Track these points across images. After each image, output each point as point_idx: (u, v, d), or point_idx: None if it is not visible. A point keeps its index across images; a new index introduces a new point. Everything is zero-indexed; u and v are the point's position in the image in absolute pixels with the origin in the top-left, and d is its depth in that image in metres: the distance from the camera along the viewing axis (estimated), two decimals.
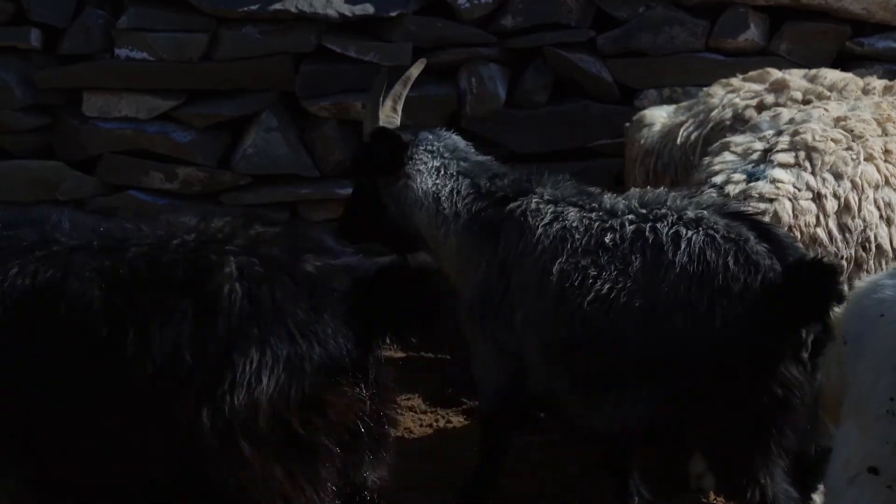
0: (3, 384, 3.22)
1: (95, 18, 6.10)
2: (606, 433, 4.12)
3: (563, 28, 6.16)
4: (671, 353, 3.81)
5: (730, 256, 3.83)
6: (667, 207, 4.02)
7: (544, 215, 4.11)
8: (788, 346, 3.78)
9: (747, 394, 3.80)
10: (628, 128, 5.77)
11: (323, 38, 6.14)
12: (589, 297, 3.90)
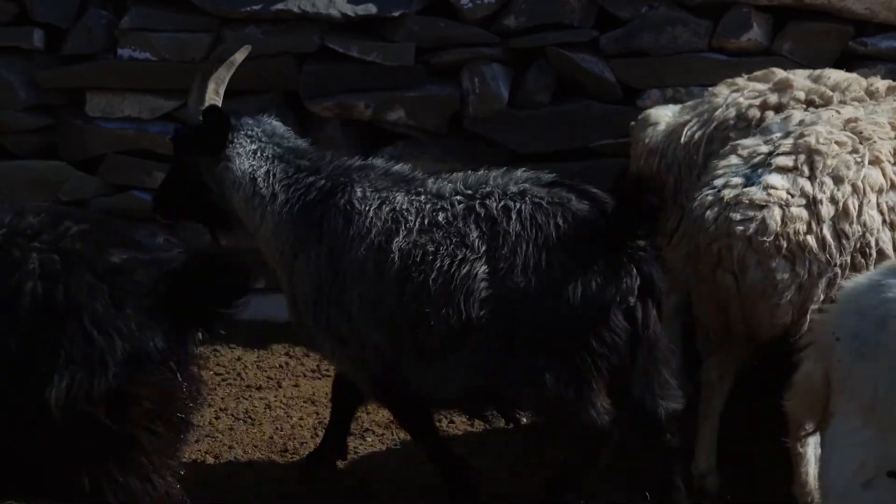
0: None
1: (98, 19, 6.10)
2: (452, 399, 4.35)
3: (566, 28, 6.16)
4: (517, 312, 4.13)
5: (559, 217, 4.19)
6: (490, 186, 4.32)
7: (372, 200, 4.33)
8: (619, 294, 4.17)
9: (587, 341, 4.16)
10: (633, 127, 5.77)
11: (326, 39, 6.14)
12: (432, 274, 4.16)
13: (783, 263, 4.41)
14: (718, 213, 4.51)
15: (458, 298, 4.14)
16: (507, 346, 4.19)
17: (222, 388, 5.58)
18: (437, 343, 4.20)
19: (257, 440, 5.07)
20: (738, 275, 4.48)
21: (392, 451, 5.05)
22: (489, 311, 4.16)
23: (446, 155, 6.27)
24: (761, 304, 4.47)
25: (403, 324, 4.23)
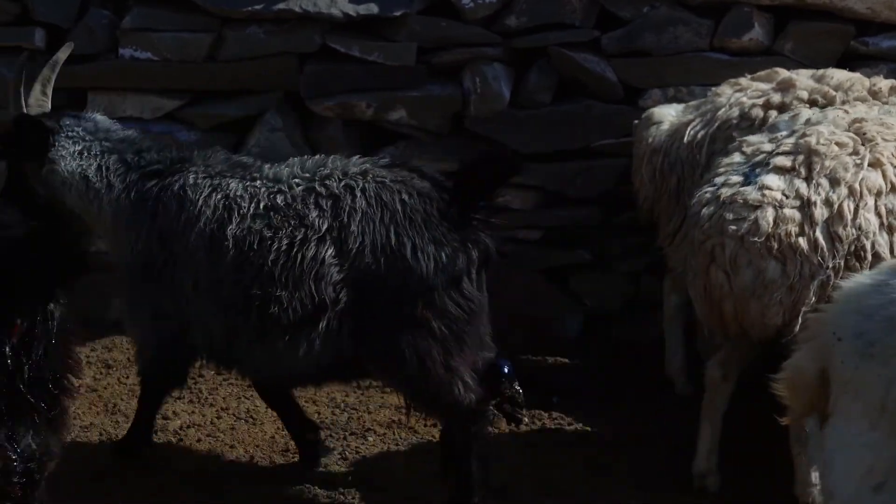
0: None
1: (100, 18, 6.10)
2: (290, 377, 4.48)
3: (568, 28, 6.16)
4: (366, 288, 4.25)
5: (403, 194, 4.31)
6: (329, 168, 4.42)
7: (203, 188, 4.39)
8: (466, 265, 4.34)
9: (438, 312, 4.28)
10: (637, 125, 5.77)
11: (327, 38, 6.14)
12: (271, 256, 4.23)
13: (774, 264, 4.43)
14: (714, 212, 4.55)
15: (306, 278, 4.21)
16: (362, 322, 4.27)
17: (224, 388, 5.58)
18: (287, 323, 4.25)
19: (259, 440, 5.07)
20: (730, 273, 4.51)
21: (394, 451, 5.05)
22: (341, 289, 4.23)
23: (447, 155, 6.26)
24: (753, 304, 4.49)
25: (243, 307, 4.28)
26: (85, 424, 5.12)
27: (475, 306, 4.41)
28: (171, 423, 5.16)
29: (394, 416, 5.34)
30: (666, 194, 5.59)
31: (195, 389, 5.54)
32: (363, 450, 5.02)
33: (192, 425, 5.17)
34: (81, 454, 4.83)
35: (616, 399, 5.66)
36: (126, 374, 5.69)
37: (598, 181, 6.27)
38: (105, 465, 4.78)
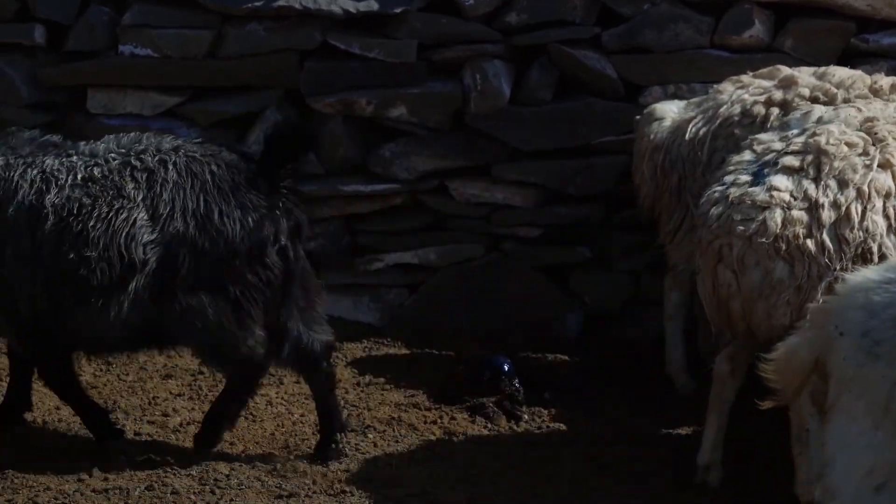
0: None
1: (100, 15, 6.10)
2: (115, 340, 4.76)
3: (568, 25, 6.14)
4: (178, 253, 4.59)
5: (212, 165, 4.69)
6: (144, 145, 4.76)
7: (17, 167, 4.66)
8: (273, 234, 4.69)
9: (245, 277, 4.67)
10: (638, 121, 5.76)
11: (327, 35, 6.13)
12: (91, 222, 4.56)
13: (782, 265, 4.44)
14: (722, 212, 4.55)
15: (119, 243, 4.55)
16: (170, 284, 4.60)
17: (223, 385, 5.57)
18: (101, 286, 4.55)
19: (259, 436, 5.07)
20: (737, 273, 4.51)
21: (393, 448, 5.04)
22: (152, 254, 4.58)
23: (448, 151, 6.26)
24: (760, 304, 4.49)
25: (64, 272, 4.57)
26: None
27: (277, 274, 4.74)
28: (170, 420, 5.16)
29: (394, 413, 5.34)
30: (667, 192, 5.59)
31: (195, 386, 5.54)
32: (363, 447, 5.01)
33: (192, 422, 5.16)
34: (79, 450, 4.84)
35: (616, 397, 5.66)
36: (126, 372, 5.69)
37: (599, 179, 6.26)
38: (97, 459, 4.77)
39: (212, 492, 4.56)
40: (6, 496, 4.43)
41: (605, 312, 6.40)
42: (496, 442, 5.15)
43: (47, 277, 4.61)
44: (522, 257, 6.37)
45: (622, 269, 6.40)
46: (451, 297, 6.34)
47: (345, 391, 5.58)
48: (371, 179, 6.26)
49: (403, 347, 6.18)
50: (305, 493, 4.59)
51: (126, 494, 4.50)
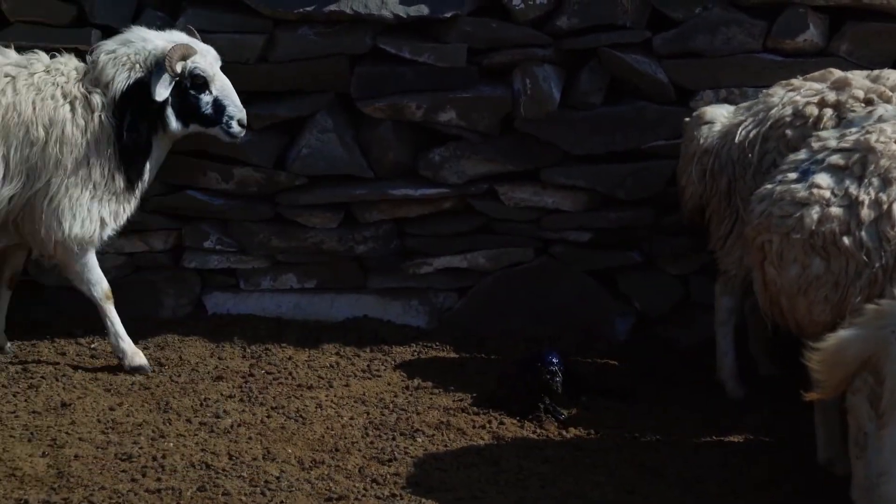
0: None
1: (154, 20, 6.15)
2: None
3: (619, 29, 6.12)
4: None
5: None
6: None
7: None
8: None
9: None
10: (687, 123, 5.74)
11: (378, 40, 6.15)
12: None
13: (818, 261, 4.46)
14: (765, 208, 4.62)
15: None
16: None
17: (274, 387, 5.62)
18: None
19: (309, 438, 5.10)
20: (777, 269, 4.56)
21: (442, 452, 5.05)
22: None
23: (498, 156, 6.26)
24: (800, 300, 4.53)
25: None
26: (137, 422, 5.16)
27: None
28: (221, 422, 5.20)
29: (442, 417, 5.35)
30: (716, 196, 5.56)
31: (245, 388, 5.58)
32: (412, 450, 5.03)
33: (243, 424, 5.20)
34: (133, 451, 4.89)
35: (666, 402, 5.63)
36: (178, 373, 5.74)
37: (649, 183, 6.23)
38: (150, 460, 4.82)
39: (262, 493, 4.59)
40: (62, 494, 4.49)
41: (655, 316, 6.38)
42: (545, 446, 5.14)
43: None
44: (572, 261, 6.36)
45: (672, 273, 6.37)
46: (500, 300, 6.34)
47: (394, 395, 5.61)
48: (421, 183, 6.28)
49: (452, 351, 6.19)
50: (355, 496, 4.61)
51: (178, 495, 4.55)
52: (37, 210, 5.53)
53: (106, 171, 5.60)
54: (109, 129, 5.60)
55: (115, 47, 5.67)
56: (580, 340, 6.21)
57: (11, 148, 5.47)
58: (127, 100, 5.59)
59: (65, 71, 5.64)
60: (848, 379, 3.64)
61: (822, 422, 4.84)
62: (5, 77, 5.54)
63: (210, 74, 5.70)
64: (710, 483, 4.85)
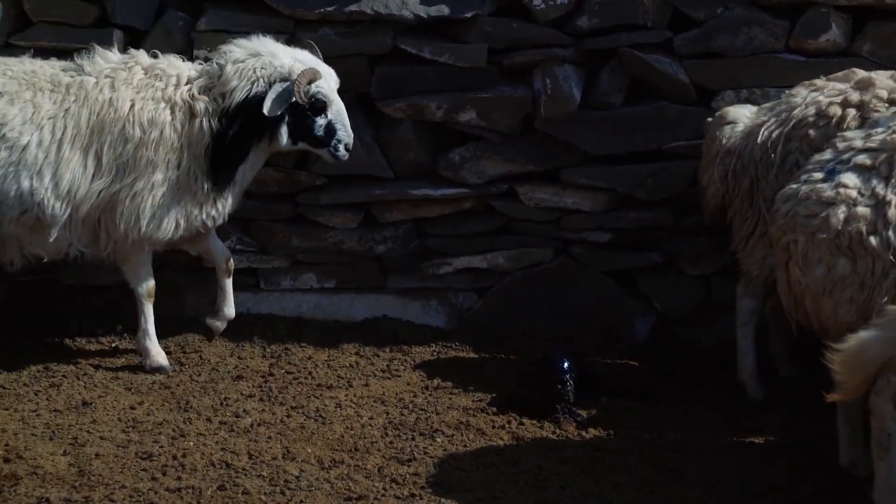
0: None
1: (176, 20, 6.19)
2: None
3: (640, 29, 6.11)
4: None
5: None
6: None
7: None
8: None
9: None
10: (710, 124, 5.72)
11: (398, 40, 6.16)
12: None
13: (844, 261, 4.45)
14: (790, 208, 4.60)
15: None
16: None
17: (293, 387, 5.64)
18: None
19: (328, 438, 5.11)
20: (802, 269, 4.54)
21: (461, 452, 5.05)
22: None
23: (518, 156, 6.26)
24: (825, 300, 4.51)
25: None
26: (158, 421, 5.19)
27: None
28: (241, 421, 5.21)
29: (462, 417, 5.35)
30: (739, 196, 5.54)
31: (265, 388, 5.60)
32: (431, 450, 5.03)
33: (263, 423, 5.21)
34: (153, 450, 4.91)
35: (686, 403, 5.62)
36: (198, 372, 5.77)
37: (670, 183, 6.22)
38: (170, 458, 4.84)
39: (282, 493, 4.60)
40: (83, 493, 4.51)
41: (676, 317, 6.36)
42: (564, 447, 5.13)
43: None
44: (592, 262, 6.35)
45: (693, 274, 6.35)
46: (519, 301, 6.33)
47: (413, 395, 5.61)
48: (440, 183, 6.28)
49: (471, 351, 6.19)
50: (374, 496, 4.61)
51: (199, 494, 4.56)
52: (118, 206, 5.58)
53: (193, 175, 5.62)
54: (209, 135, 5.61)
55: (243, 57, 5.65)
56: (600, 341, 6.20)
57: (105, 144, 5.54)
58: (240, 110, 5.60)
59: (166, 74, 5.67)
60: (869, 380, 3.63)
61: (844, 423, 4.82)
62: (105, 78, 5.61)
63: (330, 99, 5.72)
64: (730, 484, 4.83)
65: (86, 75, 5.62)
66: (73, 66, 5.69)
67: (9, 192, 5.45)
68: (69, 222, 5.55)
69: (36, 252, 5.65)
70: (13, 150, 5.46)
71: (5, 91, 5.53)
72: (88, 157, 5.53)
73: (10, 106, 5.51)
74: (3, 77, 5.58)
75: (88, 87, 5.57)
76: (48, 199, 5.47)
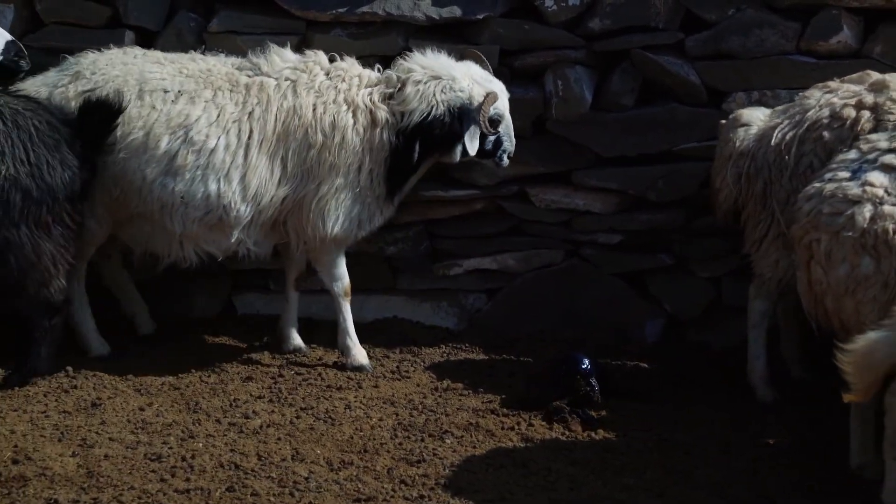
0: None
1: (188, 21, 6.21)
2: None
3: (651, 30, 6.10)
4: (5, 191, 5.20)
5: (35, 120, 5.30)
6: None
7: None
8: (81, 188, 5.38)
9: (57, 219, 5.33)
10: (723, 126, 5.70)
11: (410, 41, 6.16)
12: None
13: (868, 260, 4.42)
14: (813, 206, 4.58)
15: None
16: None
17: (303, 388, 5.64)
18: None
19: (337, 439, 5.12)
20: (825, 269, 4.51)
21: (471, 453, 5.05)
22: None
23: (529, 157, 6.25)
24: (847, 300, 4.48)
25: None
26: (167, 422, 5.20)
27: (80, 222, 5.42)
28: (251, 422, 5.22)
29: (471, 418, 5.35)
30: (752, 199, 5.52)
31: (275, 389, 5.61)
32: (440, 451, 5.03)
33: (272, 424, 5.22)
34: (162, 451, 4.92)
35: (696, 405, 5.60)
36: (207, 374, 5.78)
37: (681, 185, 6.21)
38: (179, 460, 4.85)
39: (291, 494, 4.60)
40: (92, 494, 4.52)
41: (686, 319, 6.35)
42: (574, 448, 5.12)
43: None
44: (602, 263, 6.34)
45: (703, 276, 6.34)
46: (529, 302, 6.33)
47: (423, 396, 5.61)
48: (452, 185, 6.28)
49: (481, 353, 6.19)
50: (383, 497, 4.61)
51: (207, 495, 4.57)
52: (304, 209, 5.66)
53: (373, 178, 5.69)
54: (388, 148, 5.67)
55: (425, 80, 5.69)
56: (610, 343, 6.19)
57: (290, 150, 5.60)
58: (417, 130, 5.66)
59: (347, 77, 5.71)
60: (879, 381, 3.61)
61: (857, 425, 4.80)
62: (286, 80, 5.64)
63: (504, 116, 5.79)
64: (740, 487, 4.81)
65: (264, 76, 5.63)
66: (249, 66, 5.71)
67: (195, 195, 5.52)
68: (250, 224, 5.64)
69: (210, 250, 5.74)
70: (201, 153, 5.52)
71: (185, 90, 5.55)
72: (275, 162, 5.59)
73: (192, 106, 5.53)
74: (180, 76, 5.60)
75: (270, 91, 5.61)
76: (235, 203, 5.55)
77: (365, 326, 6.32)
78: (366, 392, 5.63)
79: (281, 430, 5.17)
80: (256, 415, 5.31)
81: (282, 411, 5.37)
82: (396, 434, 5.19)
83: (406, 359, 6.06)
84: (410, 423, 5.29)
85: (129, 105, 5.48)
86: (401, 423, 5.28)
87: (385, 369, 5.93)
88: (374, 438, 5.14)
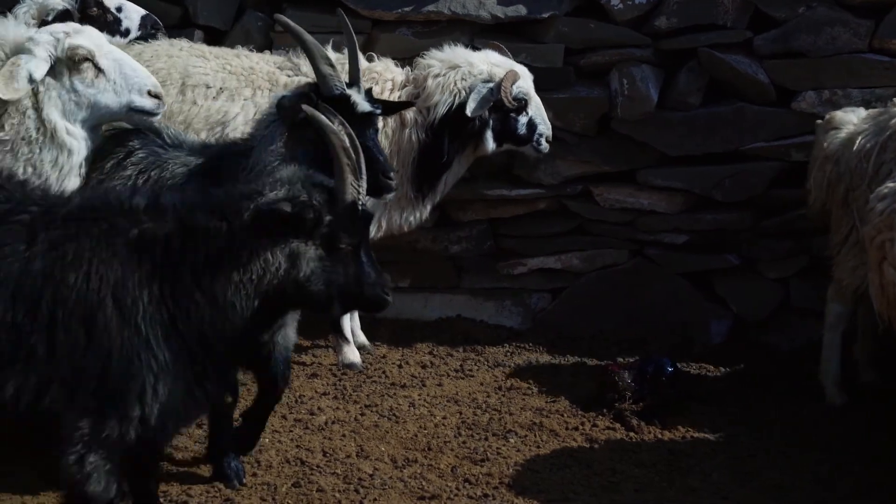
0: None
1: (255, 21, 6.27)
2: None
3: (719, 29, 6.05)
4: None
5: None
6: None
7: None
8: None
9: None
10: (818, 126, 5.62)
11: (475, 40, 6.16)
12: None
13: None
14: (886, 206, 4.50)
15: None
16: None
17: (367, 386, 5.67)
18: None
19: (401, 437, 5.13)
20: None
21: (535, 453, 5.04)
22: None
23: (593, 156, 6.23)
24: None
25: None
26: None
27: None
28: (316, 419, 5.26)
29: (535, 418, 5.34)
30: (835, 204, 5.43)
31: (339, 386, 5.64)
32: (504, 451, 5.03)
33: (337, 421, 5.25)
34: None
35: (762, 407, 5.55)
36: None
37: (748, 185, 6.14)
38: (246, 456, 4.89)
39: (356, 490, 4.63)
40: (160, 488, 4.58)
41: (752, 320, 6.28)
42: (639, 449, 5.10)
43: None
44: (667, 263, 6.30)
45: (770, 277, 6.27)
46: (593, 302, 6.31)
47: (486, 395, 5.61)
48: (516, 184, 6.28)
49: (545, 352, 6.18)
50: (447, 496, 4.62)
51: (273, 490, 4.61)
52: None
53: (399, 181, 5.58)
54: (416, 147, 5.63)
55: (444, 71, 5.66)
56: (675, 343, 6.15)
57: None
58: (444, 123, 5.62)
59: (383, 78, 5.69)
60: None
61: None
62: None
63: (530, 96, 5.73)
64: (802, 491, 4.76)
65: (303, 76, 5.61)
66: (290, 65, 5.71)
67: None
68: None
69: None
70: None
71: (226, 87, 5.56)
72: None
73: (231, 103, 5.53)
74: (223, 72, 5.60)
75: None
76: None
77: (429, 324, 6.34)
78: (429, 390, 5.64)
79: (345, 427, 5.20)
80: (321, 411, 5.35)
81: (346, 408, 5.40)
82: (460, 432, 5.20)
83: (469, 357, 6.07)
84: (474, 422, 5.30)
85: (171, 100, 5.35)
86: (464, 422, 5.29)
87: (449, 368, 5.94)
88: (437, 436, 5.15)
